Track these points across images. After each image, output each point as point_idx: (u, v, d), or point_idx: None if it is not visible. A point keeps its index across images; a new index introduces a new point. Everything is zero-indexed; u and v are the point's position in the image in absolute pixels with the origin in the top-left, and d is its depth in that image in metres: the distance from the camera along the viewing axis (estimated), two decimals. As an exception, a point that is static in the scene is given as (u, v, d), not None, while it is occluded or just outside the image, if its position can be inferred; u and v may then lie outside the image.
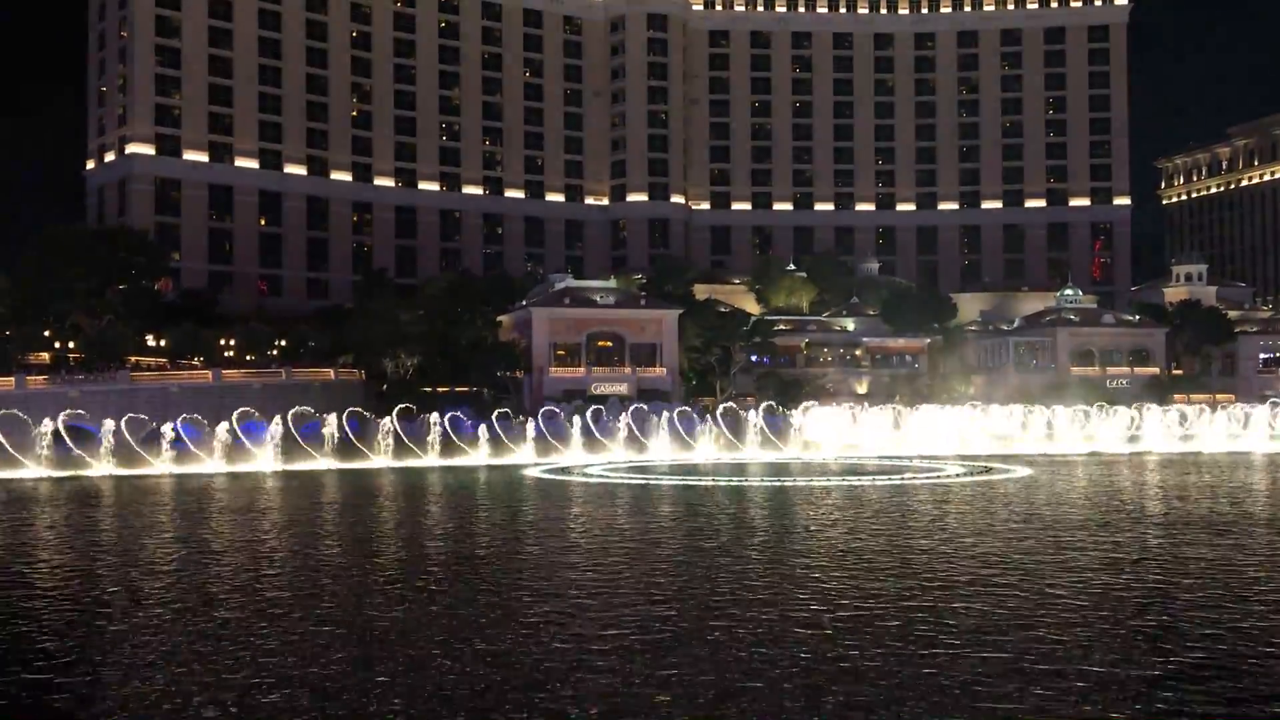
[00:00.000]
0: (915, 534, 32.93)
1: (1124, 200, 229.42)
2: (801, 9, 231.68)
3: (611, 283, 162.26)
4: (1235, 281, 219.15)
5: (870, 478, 56.52)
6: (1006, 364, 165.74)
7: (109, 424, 75.83)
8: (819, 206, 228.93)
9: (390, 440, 79.99)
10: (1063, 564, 26.54)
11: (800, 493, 48.36)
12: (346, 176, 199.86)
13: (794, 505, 42.98)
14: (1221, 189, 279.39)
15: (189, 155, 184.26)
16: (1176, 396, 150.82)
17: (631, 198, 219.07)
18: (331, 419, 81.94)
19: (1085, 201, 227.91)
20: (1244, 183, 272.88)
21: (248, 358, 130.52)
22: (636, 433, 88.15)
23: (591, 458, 76.81)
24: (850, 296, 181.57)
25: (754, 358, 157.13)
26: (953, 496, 45.40)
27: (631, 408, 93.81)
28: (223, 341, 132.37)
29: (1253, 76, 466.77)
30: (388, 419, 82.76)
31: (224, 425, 79.22)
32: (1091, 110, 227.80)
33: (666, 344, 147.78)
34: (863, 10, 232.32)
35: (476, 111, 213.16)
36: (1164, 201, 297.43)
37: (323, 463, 74.68)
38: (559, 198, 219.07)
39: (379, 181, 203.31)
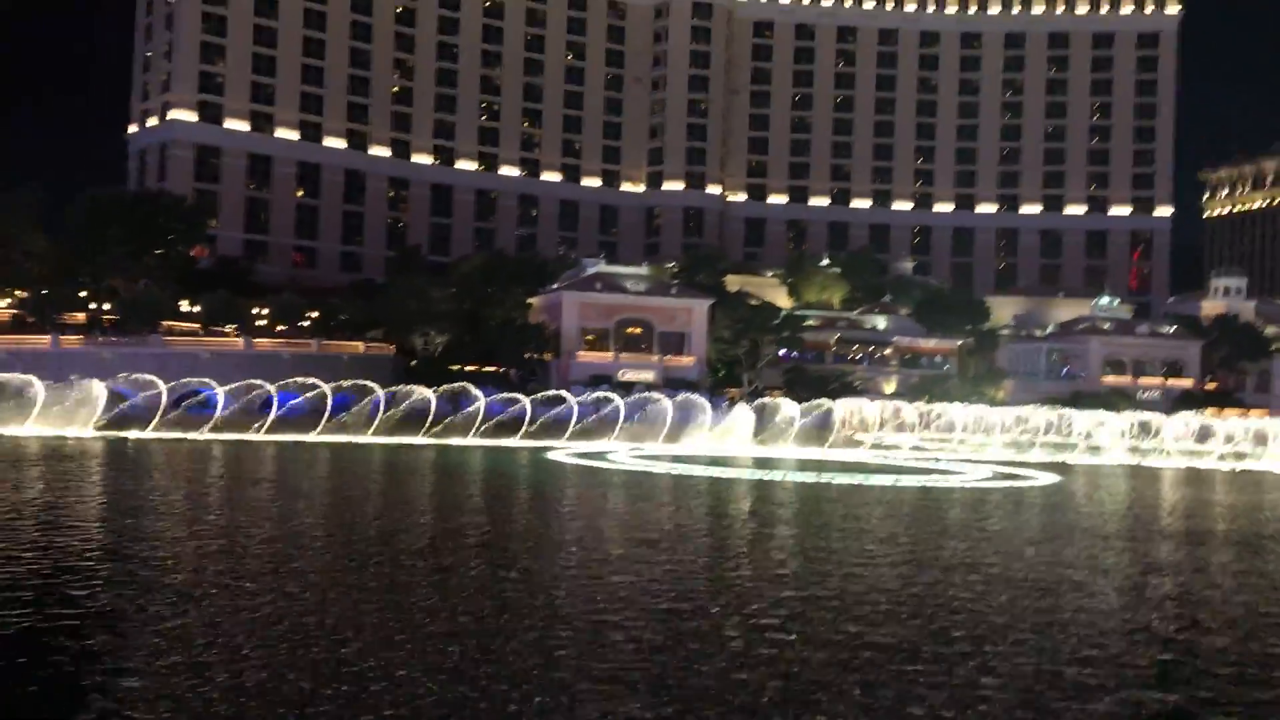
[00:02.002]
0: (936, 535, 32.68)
1: (1165, 210, 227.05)
2: (847, 3, 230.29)
3: (644, 270, 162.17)
4: (1274, 298, 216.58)
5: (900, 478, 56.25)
6: (1038, 370, 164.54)
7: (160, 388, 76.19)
8: (855, 203, 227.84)
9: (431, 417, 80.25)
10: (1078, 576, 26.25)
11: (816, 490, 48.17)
12: (385, 152, 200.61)
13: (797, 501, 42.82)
14: (1265, 204, 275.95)
15: (230, 124, 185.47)
16: (1209, 411, 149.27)
17: (668, 186, 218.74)
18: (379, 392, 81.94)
19: (1126, 210, 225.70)
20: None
21: (279, 327, 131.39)
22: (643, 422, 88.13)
23: (624, 445, 76.81)
24: (883, 295, 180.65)
25: (782, 352, 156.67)
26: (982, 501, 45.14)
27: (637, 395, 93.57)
28: (256, 310, 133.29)
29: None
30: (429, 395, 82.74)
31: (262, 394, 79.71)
32: (1137, 118, 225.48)
33: (695, 333, 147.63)
34: (909, 7, 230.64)
35: (517, 92, 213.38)
36: (1205, 214, 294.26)
37: (362, 437, 75.14)
38: (595, 182, 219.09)
39: (416, 158, 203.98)
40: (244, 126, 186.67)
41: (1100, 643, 18.61)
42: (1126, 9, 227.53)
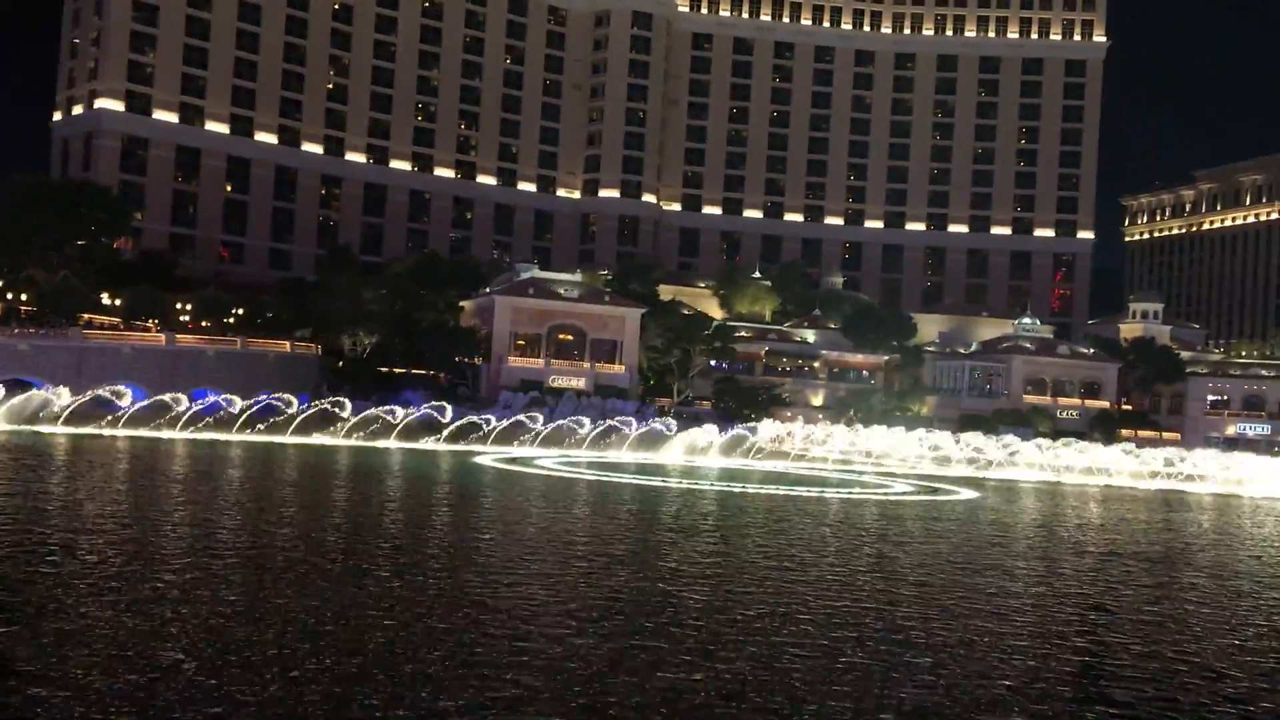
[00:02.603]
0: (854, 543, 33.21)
1: (1087, 234, 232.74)
2: (785, 19, 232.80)
3: (577, 276, 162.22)
4: (1190, 323, 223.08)
5: (820, 489, 56.96)
6: (961, 387, 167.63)
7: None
8: (789, 217, 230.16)
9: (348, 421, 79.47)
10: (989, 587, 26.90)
11: (726, 498, 48.62)
12: (318, 149, 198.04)
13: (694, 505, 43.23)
14: (1183, 230, 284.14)
15: (159, 115, 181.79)
16: (1124, 432, 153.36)
17: (604, 193, 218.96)
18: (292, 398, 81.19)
19: (1050, 232, 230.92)
20: (1206, 226, 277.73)
21: (204, 324, 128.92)
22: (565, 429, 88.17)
23: (547, 451, 76.71)
24: (813, 308, 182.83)
25: (713, 363, 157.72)
26: (897, 512, 45.89)
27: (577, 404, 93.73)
28: (180, 305, 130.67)
29: (1220, 124, 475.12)
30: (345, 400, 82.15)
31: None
32: (1063, 143, 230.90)
33: (628, 342, 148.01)
34: (845, 26, 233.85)
35: (454, 94, 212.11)
36: (1126, 239, 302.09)
37: (282, 438, 74.06)
38: (531, 187, 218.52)
39: (350, 156, 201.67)
40: (173, 118, 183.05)
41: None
42: (1055, 35, 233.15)
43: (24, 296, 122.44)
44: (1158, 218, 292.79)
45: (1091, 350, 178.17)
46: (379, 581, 22.38)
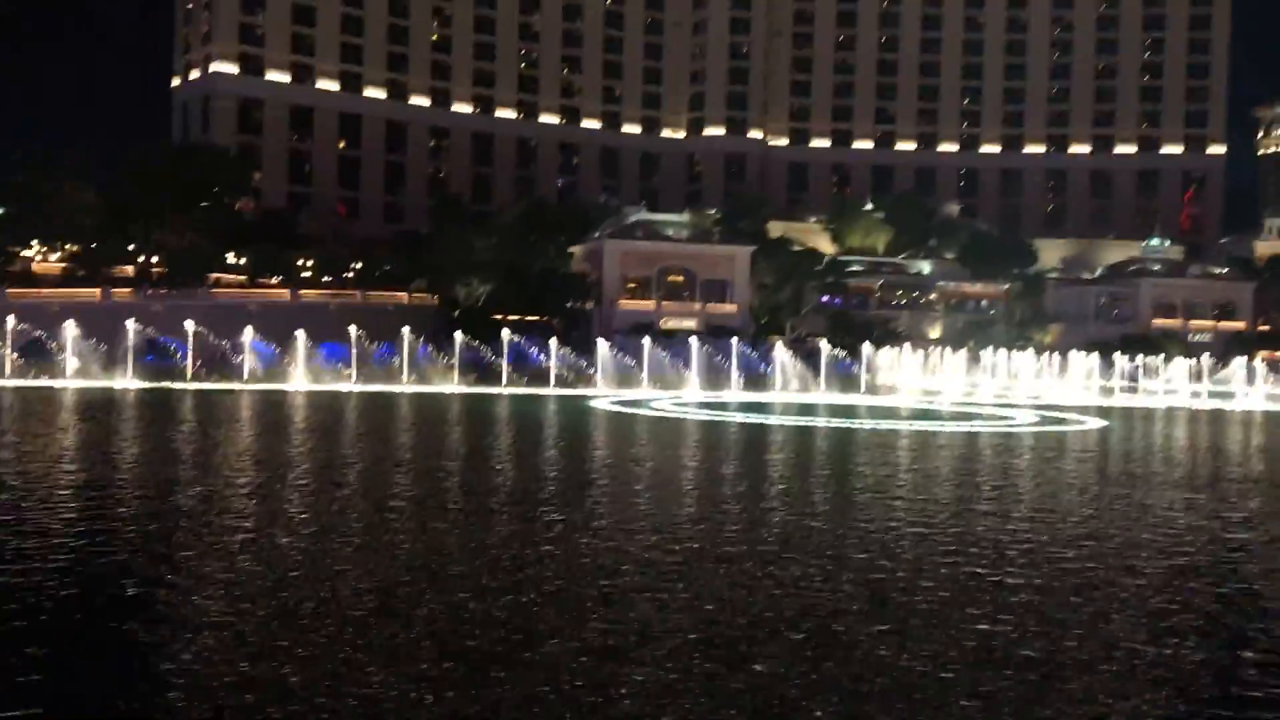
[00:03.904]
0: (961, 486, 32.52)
1: (1219, 148, 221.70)
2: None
3: (685, 217, 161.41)
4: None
5: (940, 423, 55.91)
6: (1086, 313, 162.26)
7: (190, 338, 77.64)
8: (900, 145, 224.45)
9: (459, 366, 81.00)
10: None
11: (855, 436, 48.04)
12: (425, 101, 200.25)
13: (847, 449, 42.73)
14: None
15: (271, 75, 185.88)
16: (1262, 353, 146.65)
17: (709, 131, 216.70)
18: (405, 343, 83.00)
19: (1178, 149, 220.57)
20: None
21: (324, 278, 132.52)
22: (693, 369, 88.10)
23: (661, 393, 76.94)
24: (928, 239, 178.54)
25: (826, 298, 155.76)
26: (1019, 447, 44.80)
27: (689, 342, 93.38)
28: (300, 262, 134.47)
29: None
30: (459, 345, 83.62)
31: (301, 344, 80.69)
32: (1190, 54, 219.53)
33: (738, 281, 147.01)
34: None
35: (556, 39, 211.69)
36: (1261, 151, 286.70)
37: (397, 386, 75.89)
38: (635, 129, 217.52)
39: (457, 107, 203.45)
40: (285, 78, 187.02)
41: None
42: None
43: (154, 260, 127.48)
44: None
45: (1225, 270, 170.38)
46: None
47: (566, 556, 19.47)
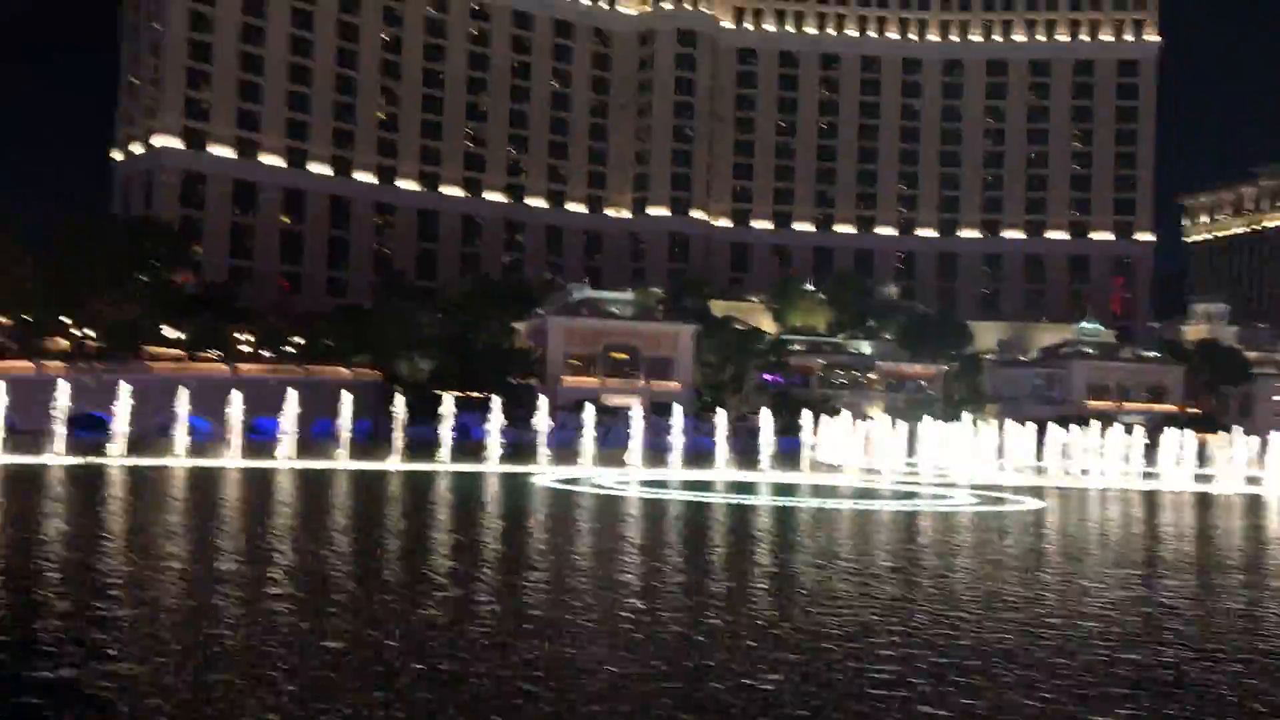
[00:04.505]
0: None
1: (1147, 235, 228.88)
2: (831, 31, 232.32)
3: (629, 295, 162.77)
4: (1256, 323, 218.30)
5: (880, 502, 56.36)
6: (1022, 394, 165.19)
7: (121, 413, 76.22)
8: (840, 228, 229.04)
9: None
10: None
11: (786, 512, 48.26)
12: (371, 178, 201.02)
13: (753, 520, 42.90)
14: (1245, 229, 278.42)
15: (216, 150, 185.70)
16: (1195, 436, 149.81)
17: (653, 211, 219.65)
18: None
19: (1108, 235, 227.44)
20: (1267, 224, 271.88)
21: (265, 353, 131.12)
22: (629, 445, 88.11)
23: (604, 470, 76.74)
24: (867, 320, 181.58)
25: (768, 377, 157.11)
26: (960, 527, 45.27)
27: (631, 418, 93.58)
28: (240, 336, 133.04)
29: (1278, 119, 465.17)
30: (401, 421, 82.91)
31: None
32: (1117, 144, 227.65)
33: (682, 359, 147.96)
34: (892, 35, 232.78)
35: (503, 118, 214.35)
36: (1187, 239, 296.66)
37: (337, 463, 74.90)
38: (581, 208, 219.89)
39: (402, 184, 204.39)
40: (230, 153, 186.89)
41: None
42: (1106, 37, 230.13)
43: (90, 332, 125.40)
44: (1218, 216, 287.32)
45: (1155, 354, 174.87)
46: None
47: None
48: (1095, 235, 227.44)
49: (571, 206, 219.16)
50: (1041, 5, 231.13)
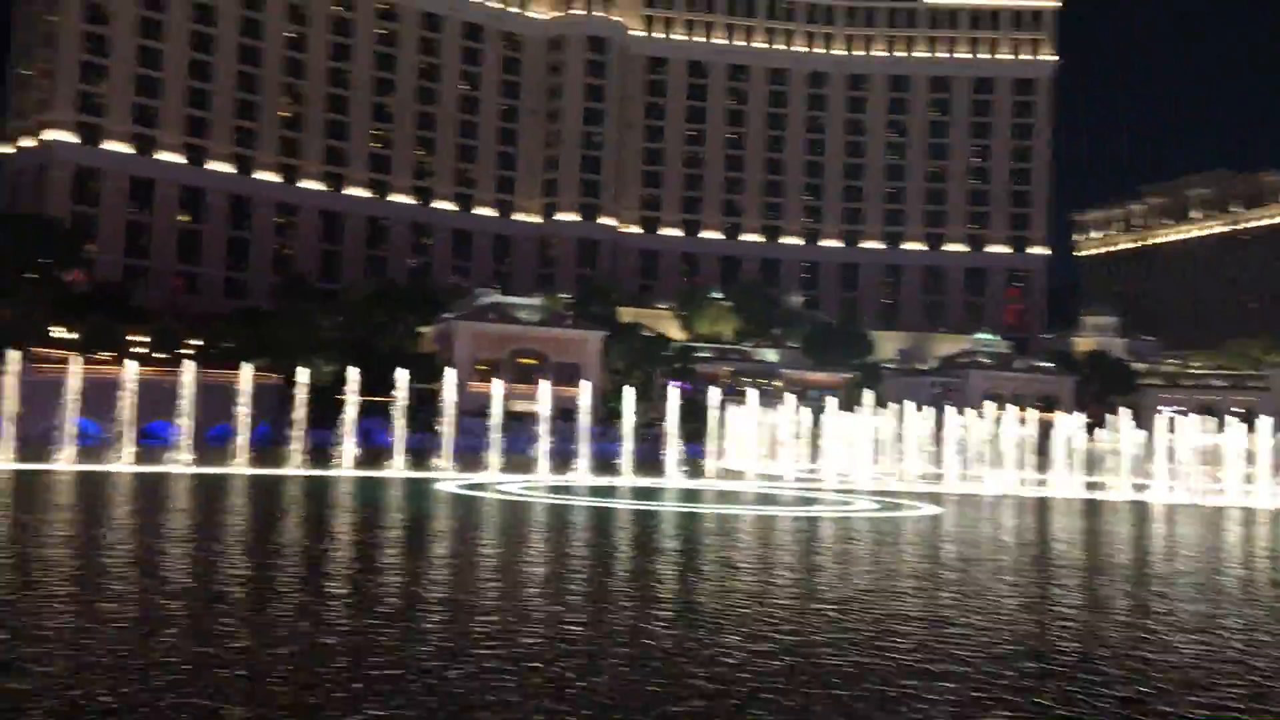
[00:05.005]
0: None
1: (1041, 249, 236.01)
2: (740, 41, 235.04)
3: (538, 300, 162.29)
4: (1143, 335, 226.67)
5: (783, 509, 57.09)
6: (921, 402, 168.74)
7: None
8: (747, 237, 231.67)
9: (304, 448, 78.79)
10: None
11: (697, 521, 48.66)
12: (273, 177, 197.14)
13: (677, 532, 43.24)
14: (1134, 245, 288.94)
15: (111, 145, 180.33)
16: (1085, 444, 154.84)
17: (562, 217, 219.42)
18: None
19: (1004, 249, 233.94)
20: (1155, 240, 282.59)
21: (159, 355, 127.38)
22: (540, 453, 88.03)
23: (510, 476, 76.35)
24: (773, 328, 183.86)
25: (675, 384, 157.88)
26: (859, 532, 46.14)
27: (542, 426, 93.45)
28: (134, 337, 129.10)
29: (1168, 139, 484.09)
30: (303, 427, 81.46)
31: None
32: (1014, 160, 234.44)
33: (589, 365, 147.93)
34: (799, 48, 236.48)
35: (410, 121, 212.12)
36: (1079, 253, 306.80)
37: (233, 468, 73.15)
38: (489, 212, 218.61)
39: (306, 184, 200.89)
40: (126, 149, 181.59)
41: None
42: (1005, 55, 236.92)
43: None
44: (1108, 232, 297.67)
45: (1048, 364, 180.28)
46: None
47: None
48: (992, 248, 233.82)
49: (480, 210, 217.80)
50: (944, 23, 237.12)
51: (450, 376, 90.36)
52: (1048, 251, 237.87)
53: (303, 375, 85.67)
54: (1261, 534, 55.63)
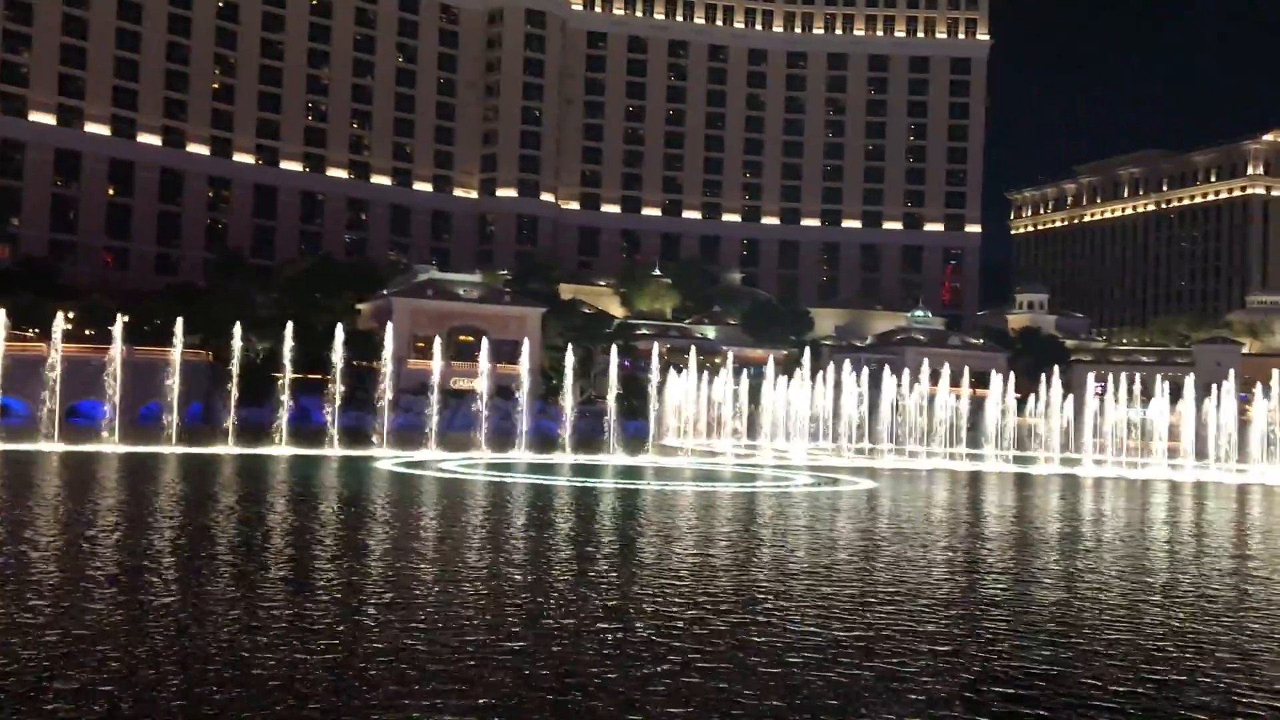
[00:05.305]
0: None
1: (975, 228, 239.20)
2: (679, 18, 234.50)
3: (477, 277, 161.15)
4: (1074, 312, 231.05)
5: (722, 485, 57.50)
6: (858, 379, 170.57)
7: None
8: (687, 214, 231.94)
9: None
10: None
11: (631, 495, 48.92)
12: (204, 150, 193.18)
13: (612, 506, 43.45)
14: (1066, 223, 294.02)
15: (35, 117, 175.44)
16: (1016, 419, 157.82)
17: (501, 193, 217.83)
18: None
19: (939, 227, 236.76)
20: (1087, 219, 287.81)
21: (88, 332, 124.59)
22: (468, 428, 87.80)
23: (449, 454, 75.99)
24: (713, 305, 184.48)
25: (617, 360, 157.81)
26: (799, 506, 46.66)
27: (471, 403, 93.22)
28: (61, 314, 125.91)
29: (1100, 119, 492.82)
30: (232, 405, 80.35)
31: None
32: (950, 139, 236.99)
33: (529, 342, 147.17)
34: (738, 25, 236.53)
35: (346, 93, 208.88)
36: (1013, 231, 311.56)
37: (164, 447, 71.94)
38: (427, 187, 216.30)
39: (238, 158, 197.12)
40: (50, 120, 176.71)
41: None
42: (941, 34, 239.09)
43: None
44: (1041, 211, 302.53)
45: (981, 341, 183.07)
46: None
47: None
48: (928, 226, 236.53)
49: (418, 186, 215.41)
50: (881, 2, 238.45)
51: (388, 353, 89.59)
52: (981, 230, 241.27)
53: (235, 351, 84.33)
54: (1173, 504, 57.29)
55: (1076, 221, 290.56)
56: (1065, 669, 17.67)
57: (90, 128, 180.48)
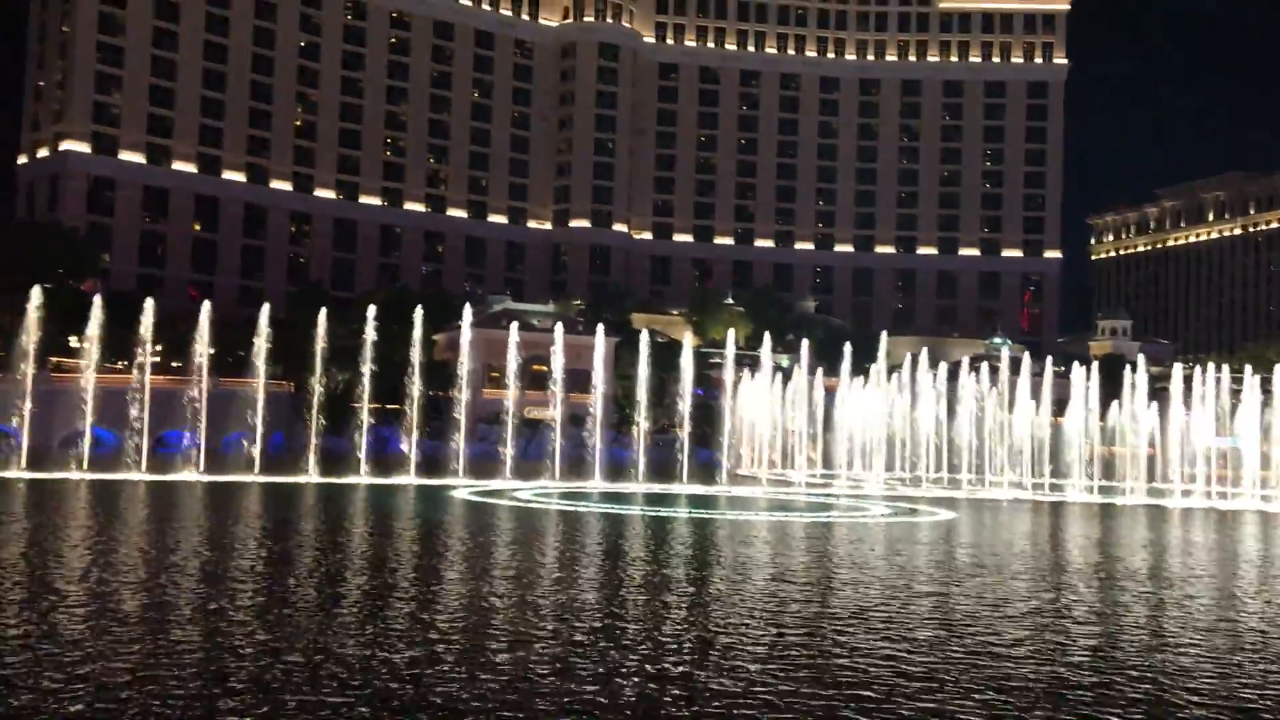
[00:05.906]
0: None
1: (1055, 253, 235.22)
2: (751, 48, 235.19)
3: (550, 307, 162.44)
4: (1158, 339, 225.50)
5: (797, 514, 56.95)
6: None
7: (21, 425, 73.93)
8: (759, 242, 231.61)
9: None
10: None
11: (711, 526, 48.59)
12: (287, 186, 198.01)
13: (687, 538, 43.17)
14: (1149, 248, 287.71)
15: (126, 155, 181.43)
16: (1098, 448, 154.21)
17: (574, 223, 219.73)
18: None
19: (1018, 253, 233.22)
20: (1170, 243, 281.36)
21: (174, 364, 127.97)
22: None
23: (524, 483, 76.44)
24: (786, 333, 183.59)
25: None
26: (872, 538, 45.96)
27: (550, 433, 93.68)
28: (149, 347, 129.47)
29: (1182, 141, 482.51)
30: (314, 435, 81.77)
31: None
32: (1027, 164, 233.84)
33: (602, 371, 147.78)
34: (810, 53, 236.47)
35: (423, 128, 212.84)
36: (1093, 257, 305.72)
37: (248, 476, 73.42)
38: (502, 219, 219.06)
39: (319, 193, 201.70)
40: (140, 158, 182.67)
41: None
42: (1017, 59, 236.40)
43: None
44: (1123, 235, 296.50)
45: (1062, 368, 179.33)
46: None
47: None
48: (1005, 252, 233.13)
49: (493, 218, 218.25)
50: (955, 27, 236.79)
51: (463, 383, 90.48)
52: (1061, 255, 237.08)
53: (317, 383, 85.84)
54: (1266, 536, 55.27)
55: (1160, 246, 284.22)
56: None
57: (177, 165, 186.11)
